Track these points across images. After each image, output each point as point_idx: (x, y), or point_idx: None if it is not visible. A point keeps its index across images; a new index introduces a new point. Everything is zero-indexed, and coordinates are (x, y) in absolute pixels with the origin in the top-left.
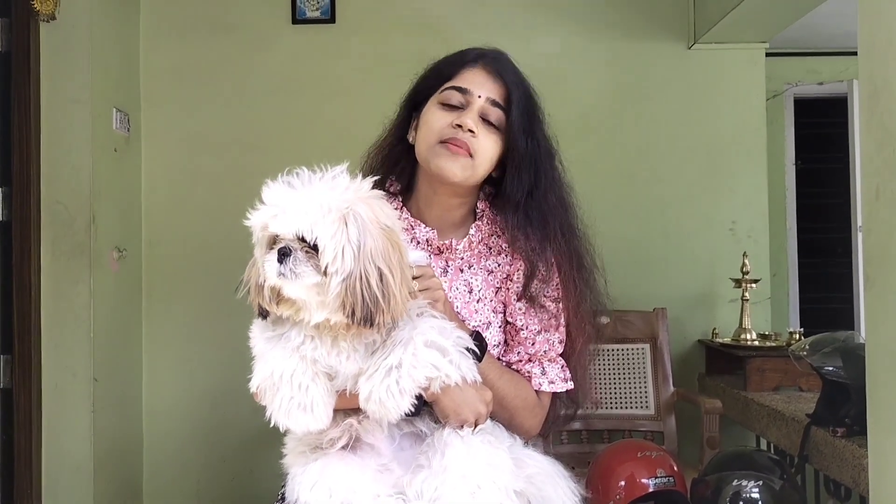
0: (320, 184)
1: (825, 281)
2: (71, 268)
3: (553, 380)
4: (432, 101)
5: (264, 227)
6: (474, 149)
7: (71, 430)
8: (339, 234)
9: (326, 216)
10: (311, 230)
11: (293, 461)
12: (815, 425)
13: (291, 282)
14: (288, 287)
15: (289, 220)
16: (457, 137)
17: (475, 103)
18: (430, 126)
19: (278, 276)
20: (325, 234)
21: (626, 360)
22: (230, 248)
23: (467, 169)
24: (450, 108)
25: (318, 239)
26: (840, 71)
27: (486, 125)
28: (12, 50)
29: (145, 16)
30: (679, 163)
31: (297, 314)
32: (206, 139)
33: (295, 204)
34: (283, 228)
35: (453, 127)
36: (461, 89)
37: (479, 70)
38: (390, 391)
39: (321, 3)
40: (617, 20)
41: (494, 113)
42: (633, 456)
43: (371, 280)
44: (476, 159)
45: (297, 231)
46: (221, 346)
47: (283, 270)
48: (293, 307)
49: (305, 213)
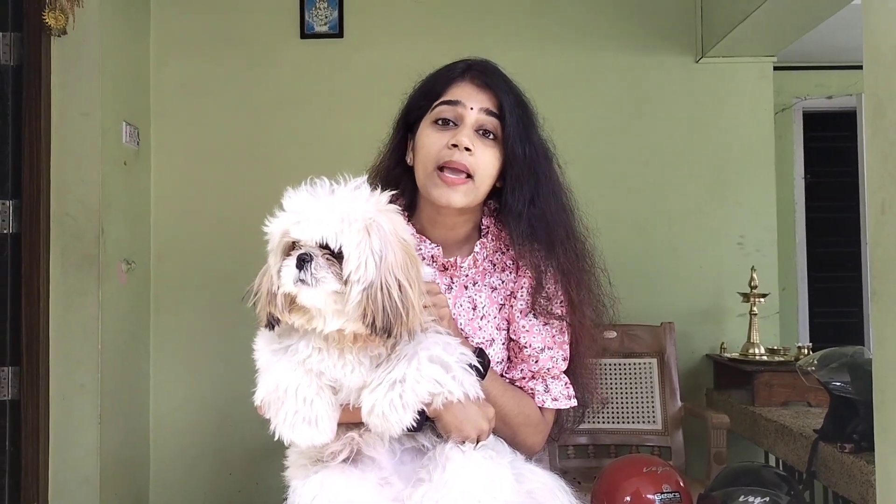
0: (342, 194)
1: (835, 295)
2: (80, 280)
3: (556, 397)
4: (425, 121)
5: (285, 233)
6: (473, 168)
7: (78, 441)
8: (363, 243)
9: (351, 225)
10: (336, 238)
11: (294, 474)
12: (822, 441)
13: (311, 288)
14: (305, 294)
15: (313, 226)
16: (453, 160)
17: (468, 116)
18: (426, 150)
19: (296, 283)
20: (351, 243)
21: (634, 375)
22: (238, 261)
23: (469, 194)
24: (444, 126)
25: (342, 247)
26: (849, 85)
27: (482, 138)
28: (23, 64)
29: (155, 30)
30: (687, 176)
31: (310, 323)
32: (215, 152)
33: (319, 212)
34: (306, 235)
35: (449, 148)
36: (453, 102)
37: (468, 82)
38: (393, 405)
39: (329, 17)
40: (625, 33)
41: (490, 122)
42: (639, 471)
43: (392, 291)
44: (476, 179)
45: (322, 238)
46: (229, 358)
47: (302, 276)
48: (306, 316)
49: (330, 220)
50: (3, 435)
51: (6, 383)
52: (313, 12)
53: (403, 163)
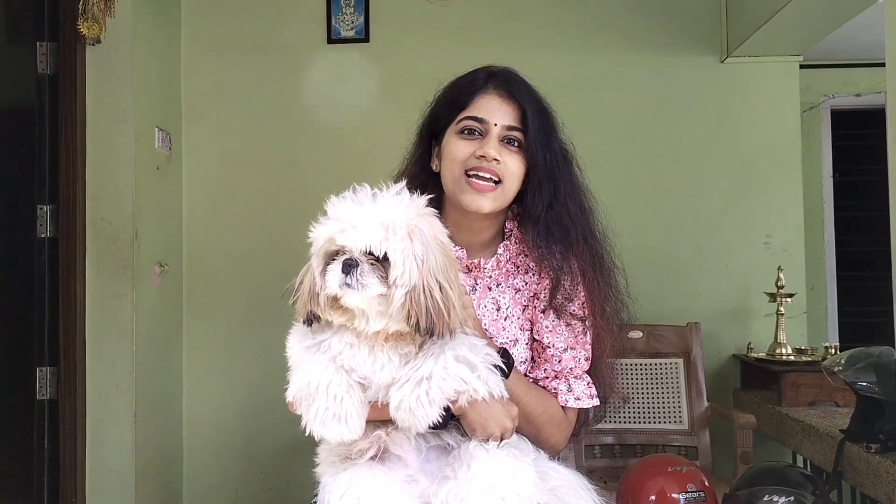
0: (384, 200)
1: (864, 294)
2: (114, 283)
3: (579, 396)
4: (451, 131)
5: (330, 240)
6: (501, 173)
7: (114, 439)
8: (406, 249)
9: (395, 233)
10: (381, 245)
11: (325, 470)
12: (849, 441)
13: (356, 292)
14: (351, 296)
15: (359, 234)
16: (482, 167)
17: (493, 131)
18: (453, 157)
19: (342, 286)
20: (395, 249)
21: (660, 375)
22: (269, 263)
23: (497, 199)
24: (470, 136)
25: (388, 253)
26: (878, 82)
27: (506, 146)
28: (60, 73)
29: (186, 38)
30: (713, 176)
31: (351, 322)
32: (245, 156)
33: (363, 219)
34: (352, 242)
35: (477, 158)
36: (478, 119)
37: (492, 95)
38: (420, 401)
39: (355, 22)
40: (650, 34)
41: (514, 135)
42: (664, 470)
43: (434, 292)
44: (505, 184)
45: (367, 245)
46: (259, 359)
47: (348, 281)
48: (347, 315)
49: (375, 229)
50: (42, 433)
51: (45, 383)
52: (340, 17)
53: (428, 169)
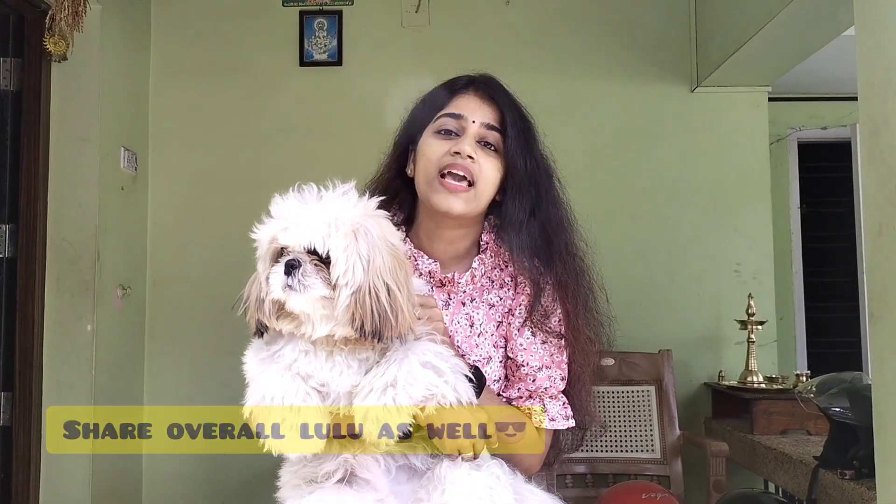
0: (330, 199)
1: (832, 325)
2: (75, 305)
3: (554, 417)
4: (427, 131)
5: (273, 239)
6: (475, 174)
7: (70, 469)
8: (350, 247)
9: (339, 230)
10: (324, 242)
11: (288, 494)
12: (823, 468)
13: (299, 294)
14: (294, 299)
15: (301, 232)
16: (456, 164)
17: (470, 128)
18: (427, 157)
19: (284, 289)
20: (338, 247)
21: (632, 403)
22: (234, 288)
23: (470, 202)
24: (446, 136)
25: (330, 251)
26: (843, 115)
27: (484, 149)
28: (23, 89)
29: (155, 57)
30: (683, 204)
31: (298, 329)
32: (213, 179)
33: (306, 217)
34: (294, 240)
35: (451, 154)
36: (455, 115)
37: (470, 96)
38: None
39: (328, 46)
40: (621, 63)
41: (491, 136)
42: (638, 498)
43: (380, 294)
44: (478, 186)
45: (309, 243)
46: (223, 385)
47: (290, 282)
48: (294, 321)
49: (317, 226)
50: None
51: None
52: (312, 41)
53: (403, 175)
